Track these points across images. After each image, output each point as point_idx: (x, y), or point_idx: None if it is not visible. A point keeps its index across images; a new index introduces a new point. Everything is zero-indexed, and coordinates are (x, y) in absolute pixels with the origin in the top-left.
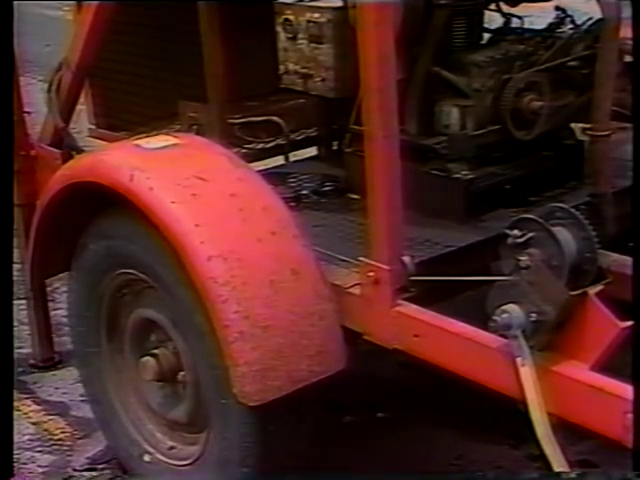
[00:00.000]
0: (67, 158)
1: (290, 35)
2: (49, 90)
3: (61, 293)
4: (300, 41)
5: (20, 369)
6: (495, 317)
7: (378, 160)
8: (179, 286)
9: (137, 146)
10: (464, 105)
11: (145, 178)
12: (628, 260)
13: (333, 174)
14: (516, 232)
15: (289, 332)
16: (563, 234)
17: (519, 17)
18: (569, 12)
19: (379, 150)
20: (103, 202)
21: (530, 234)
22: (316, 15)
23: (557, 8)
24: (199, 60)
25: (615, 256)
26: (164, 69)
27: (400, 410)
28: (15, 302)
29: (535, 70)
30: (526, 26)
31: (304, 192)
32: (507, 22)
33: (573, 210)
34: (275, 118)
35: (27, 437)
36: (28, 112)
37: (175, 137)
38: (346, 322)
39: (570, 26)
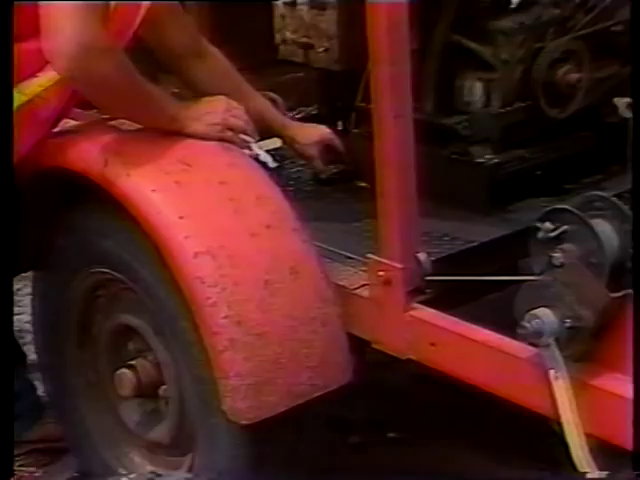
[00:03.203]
0: None
1: (288, 0)
2: None
3: (24, 295)
4: (300, 7)
5: None
6: (524, 323)
7: (389, 142)
8: (161, 287)
9: (112, 126)
10: (489, 79)
11: (121, 163)
12: None
13: (337, 158)
14: (548, 225)
15: (287, 340)
16: (603, 227)
17: None
18: None
19: (390, 131)
20: (73, 191)
21: (565, 227)
22: None
23: None
24: None
25: None
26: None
27: (414, 430)
28: None
29: (572, 37)
30: None
31: (304, 179)
32: None
33: (615, 199)
34: (270, 94)
35: None
36: None
37: None
38: (352, 328)
39: None
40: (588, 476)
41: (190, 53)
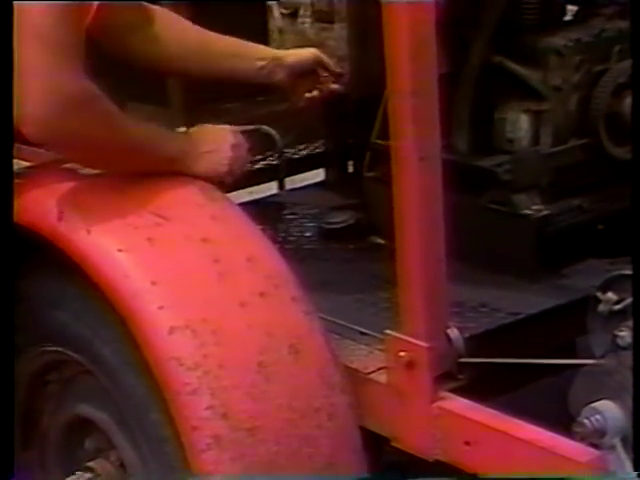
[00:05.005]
0: None
1: (287, 11)
2: None
3: None
4: (302, 19)
5: None
6: (582, 419)
7: (412, 189)
8: (127, 370)
9: (68, 169)
10: (537, 110)
11: (80, 216)
12: None
13: (348, 208)
14: (611, 295)
15: (285, 436)
16: None
17: None
18: None
19: (414, 176)
20: (21, 250)
21: (632, 298)
22: None
23: None
24: None
25: None
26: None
27: None
28: None
29: None
30: None
31: (307, 234)
32: None
33: None
34: (265, 127)
35: None
36: None
37: None
38: (367, 422)
39: None
40: None
41: (135, 26)
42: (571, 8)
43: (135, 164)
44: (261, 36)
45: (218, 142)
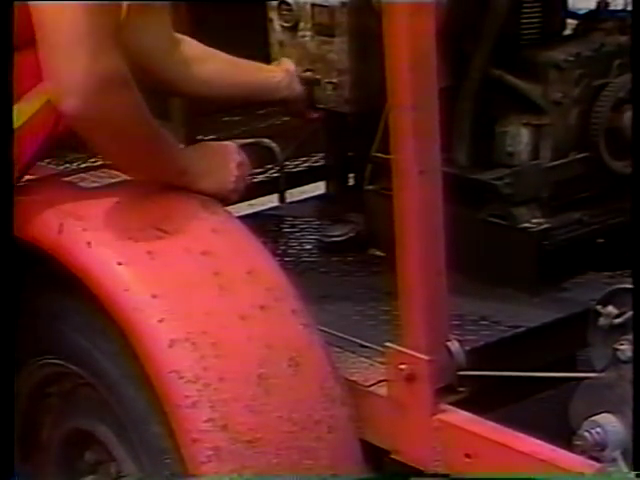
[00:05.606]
0: None
1: (288, 24)
2: None
3: None
4: (302, 32)
5: None
6: (583, 432)
7: (412, 202)
8: (128, 383)
9: (69, 182)
10: (537, 124)
11: (80, 229)
12: None
13: (348, 221)
14: (612, 309)
15: (285, 449)
16: None
17: None
18: None
19: (414, 189)
20: (21, 263)
21: (632, 312)
22: None
23: None
24: None
25: None
26: None
27: None
28: None
29: None
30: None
31: (307, 247)
32: (602, 2)
33: None
34: (265, 140)
35: None
36: None
37: None
38: (367, 435)
39: None
40: None
41: (162, 52)
42: (571, 22)
43: (152, 165)
44: (262, 49)
45: (225, 160)
